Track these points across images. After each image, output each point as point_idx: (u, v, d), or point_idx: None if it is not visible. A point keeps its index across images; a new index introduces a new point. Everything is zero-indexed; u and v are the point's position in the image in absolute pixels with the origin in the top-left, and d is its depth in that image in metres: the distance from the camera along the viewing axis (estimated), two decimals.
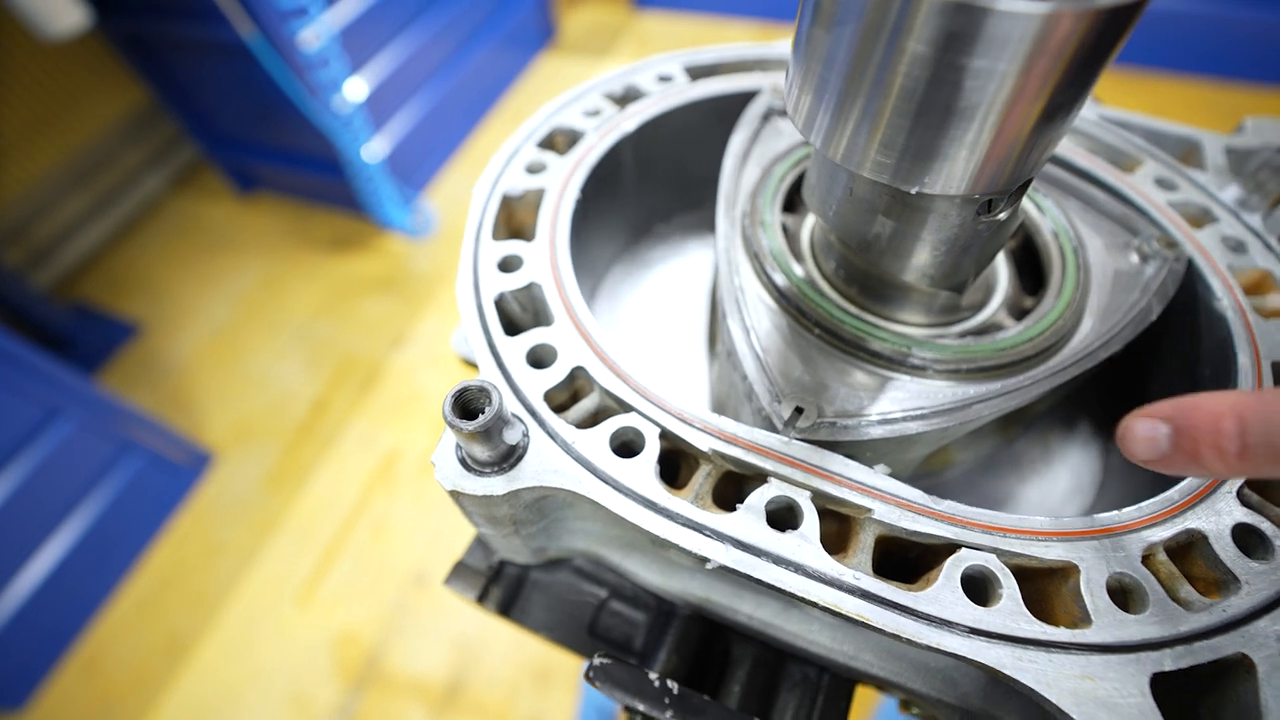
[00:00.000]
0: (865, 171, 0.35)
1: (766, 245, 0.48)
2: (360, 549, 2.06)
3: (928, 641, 0.34)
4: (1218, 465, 0.29)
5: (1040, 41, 0.26)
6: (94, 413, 1.83)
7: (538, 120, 0.60)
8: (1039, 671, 0.33)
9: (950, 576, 0.36)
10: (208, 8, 2.05)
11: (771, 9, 3.63)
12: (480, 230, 0.52)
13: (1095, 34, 0.27)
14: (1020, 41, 0.26)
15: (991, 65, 0.27)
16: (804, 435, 0.40)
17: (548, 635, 0.52)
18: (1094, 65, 0.29)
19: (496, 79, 3.36)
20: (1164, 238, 0.49)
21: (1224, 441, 0.29)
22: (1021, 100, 0.29)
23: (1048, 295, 0.47)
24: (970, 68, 0.28)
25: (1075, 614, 0.36)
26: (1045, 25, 0.26)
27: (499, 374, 0.44)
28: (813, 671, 0.49)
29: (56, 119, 2.77)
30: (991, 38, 0.27)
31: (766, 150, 0.56)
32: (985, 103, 0.29)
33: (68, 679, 1.89)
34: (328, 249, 2.90)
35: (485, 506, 0.40)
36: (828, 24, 0.31)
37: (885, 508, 0.38)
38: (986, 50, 0.27)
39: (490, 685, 1.81)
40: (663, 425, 0.41)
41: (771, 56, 0.66)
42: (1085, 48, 0.27)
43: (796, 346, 0.45)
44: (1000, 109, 0.29)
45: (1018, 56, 0.27)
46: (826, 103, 0.34)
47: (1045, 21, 0.26)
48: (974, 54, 0.27)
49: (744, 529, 0.38)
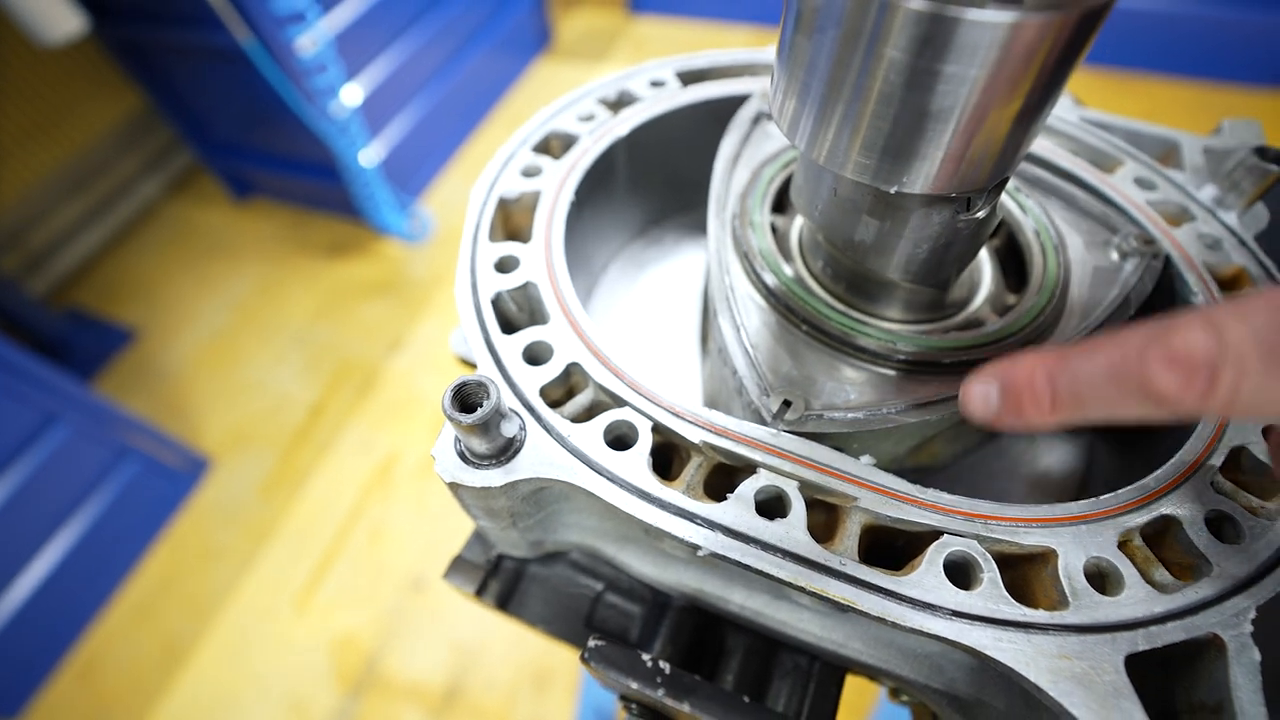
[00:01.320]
0: (848, 172, 0.36)
1: (756, 245, 0.50)
2: (358, 553, 2.07)
3: (912, 624, 0.36)
4: (1037, 417, 0.32)
5: (1008, 48, 0.28)
6: (90, 419, 1.83)
7: (533, 125, 0.61)
8: (1018, 651, 0.34)
9: (933, 562, 0.37)
10: (204, 14, 2.06)
11: (766, 14, 3.66)
12: (478, 232, 0.54)
13: (1061, 39, 0.28)
14: (990, 48, 0.28)
15: (964, 71, 0.29)
16: (791, 427, 0.42)
17: (545, 628, 0.53)
18: (1062, 68, 0.30)
19: (492, 84, 3.38)
20: (1142, 235, 0.51)
21: (1039, 394, 0.31)
22: (993, 103, 0.30)
23: (1029, 292, 0.48)
24: (943, 73, 0.29)
25: (1054, 597, 0.37)
26: (1012, 33, 0.27)
27: (496, 371, 0.45)
28: (804, 660, 0.50)
29: (52, 125, 2.78)
30: (962, 45, 0.28)
31: (756, 153, 0.58)
32: (959, 106, 0.30)
33: (64, 685, 1.89)
34: (324, 254, 2.90)
35: (483, 498, 0.41)
36: (809, 32, 0.33)
37: (871, 496, 0.40)
38: (958, 57, 0.28)
39: (489, 688, 1.81)
40: (655, 419, 0.43)
41: (761, 61, 0.67)
42: (1053, 52, 0.29)
43: (785, 343, 0.47)
44: (973, 111, 0.31)
45: (988, 62, 0.28)
46: (809, 107, 0.35)
47: (1012, 30, 0.27)
48: (947, 60, 0.29)
49: (734, 517, 0.39)
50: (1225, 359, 0.25)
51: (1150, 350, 0.27)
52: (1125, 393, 0.28)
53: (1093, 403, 0.30)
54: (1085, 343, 0.31)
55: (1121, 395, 0.28)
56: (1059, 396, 0.31)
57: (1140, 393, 0.27)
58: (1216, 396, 0.25)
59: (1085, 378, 0.30)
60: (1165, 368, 0.26)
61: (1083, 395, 0.30)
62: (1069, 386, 0.30)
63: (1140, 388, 0.27)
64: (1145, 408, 0.28)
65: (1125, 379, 0.28)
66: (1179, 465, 0.41)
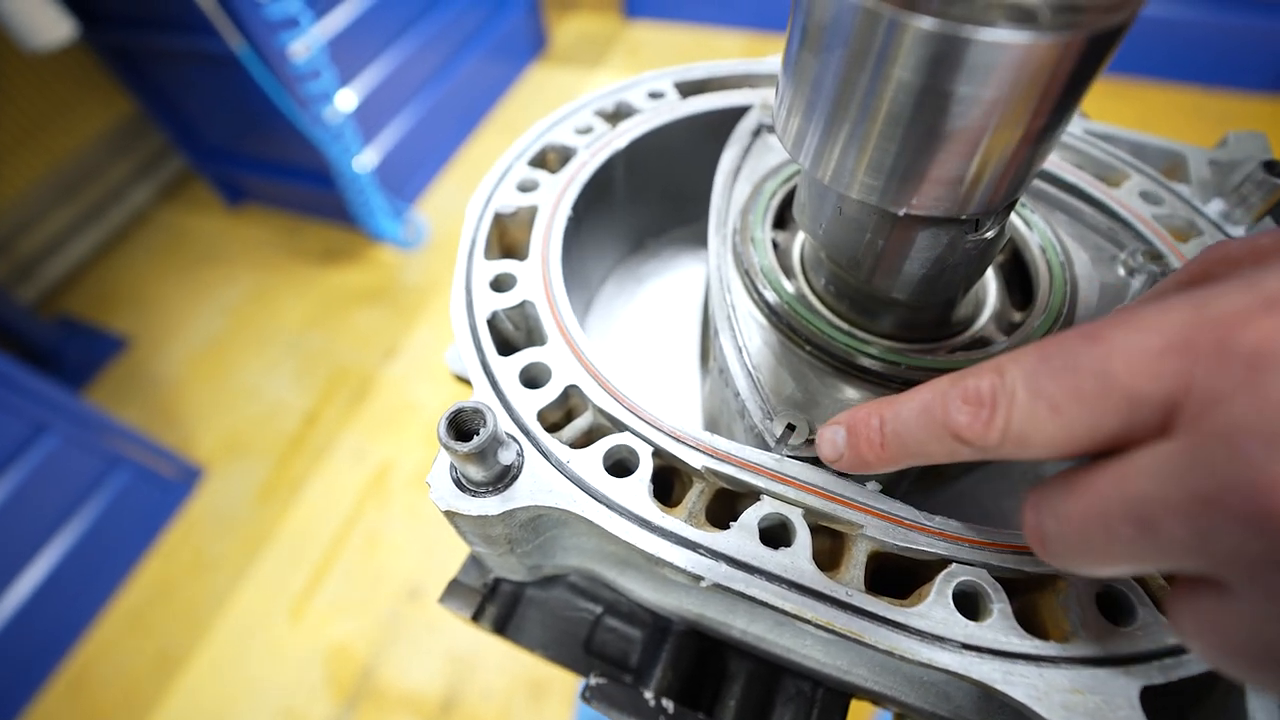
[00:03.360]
0: (854, 193, 0.35)
1: (758, 262, 0.49)
2: (353, 562, 2.05)
3: (920, 658, 0.35)
4: (872, 458, 0.35)
5: (1021, 69, 0.27)
6: (81, 428, 1.81)
7: (529, 138, 0.60)
8: (1030, 686, 0.33)
9: (942, 592, 0.36)
10: (196, 20, 2.04)
11: (761, 19, 3.66)
12: (473, 249, 0.52)
13: (1077, 60, 0.27)
14: (1002, 69, 0.27)
15: (974, 92, 0.28)
16: (795, 452, 0.41)
17: (544, 653, 0.52)
18: (1077, 88, 0.30)
19: (487, 89, 3.37)
20: (1150, 251, 0.50)
21: (871, 436, 0.35)
22: (1004, 125, 0.30)
23: (1036, 309, 0.47)
24: (953, 94, 0.28)
25: (1065, 627, 0.36)
26: (1025, 54, 0.26)
27: (493, 394, 0.44)
28: (807, 686, 0.49)
29: (42, 131, 2.76)
30: (973, 66, 0.27)
31: (757, 166, 0.57)
32: (968, 128, 0.30)
33: (54, 698, 1.87)
34: (318, 261, 2.89)
35: (480, 526, 0.40)
36: (815, 49, 0.32)
37: (877, 523, 0.39)
38: (969, 78, 0.28)
39: (485, 699, 1.80)
40: (656, 444, 0.42)
41: (760, 72, 0.66)
42: (1067, 73, 0.28)
43: (788, 363, 0.46)
44: (983, 134, 0.30)
45: (999, 84, 0.28)
46: (815, 126, 0.34)
47: (1025, 51, 0.26)
48: (957, 81, 0.28)
49: (737, 547, 0.38)
50: (1001, 393, 0.28)
51: (950, 391, 0.30)
52: (933, 433, 0.31)
53: (910, 443, 0.32)
54: (910, 390, 0.33)
55: (930, 434, 0.31)
56: (885, 439, 0.34)
57: (942, 430, 0.30)
58: (994, 427, 0.28)
59: (904, 419, 0.33)
60: (960, 405, 0.29)
61: (902, 436, 0.33)
62: (892, 428, 0.33)
63: (943, 425, 0.30)
64: (947, 444, 0.30)
65: (932, 419, 0.31)
66: None
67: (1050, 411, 0.26)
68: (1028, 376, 0.27)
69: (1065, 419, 0.26)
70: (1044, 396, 0.27)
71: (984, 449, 0.29)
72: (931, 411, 0.31)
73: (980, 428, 0.28)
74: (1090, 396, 0.25)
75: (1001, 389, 0.28)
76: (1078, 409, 0.26)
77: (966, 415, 0.29)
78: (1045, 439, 0.27)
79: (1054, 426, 0.26)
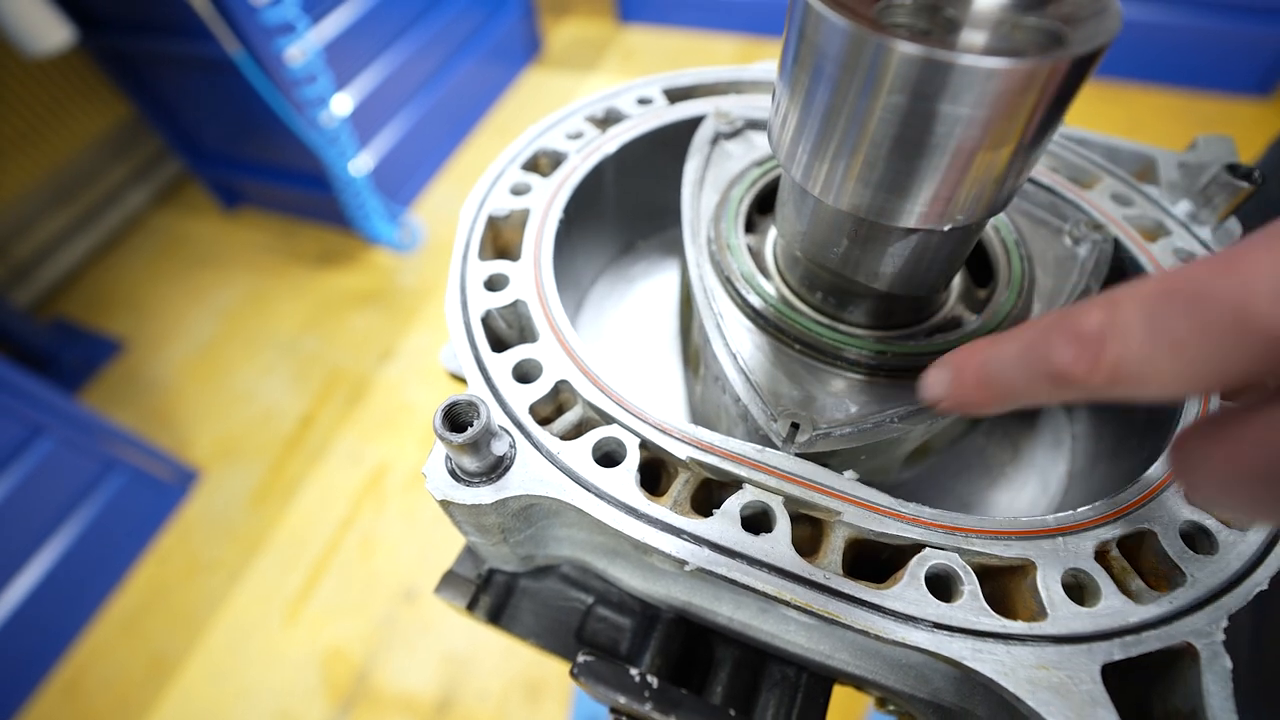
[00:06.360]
0: (843, 205, 0.37)
1: (737, 268, 0.50)
2: (348, 565, 2.06)
3: (894, 637, 0.36)
4: (974, 399, 0.34)
5: (1003, 93, 0.29)
6: (76, 431, 1.82)
7: (522, 143, 0.62)
8: (997, 662, 0.35)
9: (915, 575, 0.38)
10: (193, 25, 2.05)
11: (754, 24, 3.69)
12: (468, 250, 0.54)
13: (1057, 82, 0.29)
14: (984, 93, 0.29)
15: (958, 112, 0.30)
16: (803, 449, 0.42)
17: (537, 642, 0.54)
18: (1058, 106, 0.31)
19: (482, 93, 3.39)
20: (1090, 221, 0.53)
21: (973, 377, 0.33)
22: (988, 143, 0.31)
23: (999, 285, 0.49)
24: (938, 115, 0.30)
25: (1033, 608, 0.38)
26: (1007, 79, 0.28)
27: (486, 388, 0.46)
28: (792, 671, 0.50)
29: (39, 135, 2.76)
30: (956, 90, 0.29)
31: (720, 173, 0.58)
32: (953, 147, 0.31)
33: (48, 702, 1.87)
34: (314, 264, 2.90)
35: (474, 515, 0.42)
36: (807, 68, 0.33)
37: (854, 510, 0.40)
38: (953, 100, 0.29)
39: (481, 700, 1.81)
40: (643, 436, 0.43)
41: (746, 79, 0.68)
42: (1049, 94, 0.30)
43: (780, 364, 0.47)
44: (968, 152, 0.31)
45: (981, 105, 0.29)
46: (806, 139, 0.36)
47: (1007, 76, 0.28)
48: (941, 103, 0.29)
49: (720, 533, 0.40)
50: (1114, 331, 0.26)
51: (1054, 329, 0.28)
52: (1035, 372, 0.29)
53: (1012, 383, 0.31)
54: (1015, 327, 0.32)
55: (1032, 374, 0.29)
56: (988, 379, 0.32)
57: (1045, 370, 0.28)
58: (1101, 366, 0.26)
59: (1007, 359, 0.31)
60: (1064, 343, 0.27)
61: (1006, 377, 0.31)
62: (995, 368, 0.32)
63: (1045, 365, 0.28)
64: (1049, 384, 0.29)
65: (1034, 358, 0.29)
66: (1156, 477, 0.42)
67: (1172, 350, 0.24)
68: (1146, 310, 0.25)
69: (1188, 358, 0.24)
70: (1165, 332, 0.24)
71: (1090, 389, 0.27)
72: (1034, 350, 0.29)
73: (1085, 367, 0.26)
74: (1221, 333, 0.23)
75: (1112, 325, 0.26)
76: (1205, 347, 0.23)
77: (1070, 354, 0.27)
78: (1164, 380, 0.25)
79: (1176, 366, 0.24)
